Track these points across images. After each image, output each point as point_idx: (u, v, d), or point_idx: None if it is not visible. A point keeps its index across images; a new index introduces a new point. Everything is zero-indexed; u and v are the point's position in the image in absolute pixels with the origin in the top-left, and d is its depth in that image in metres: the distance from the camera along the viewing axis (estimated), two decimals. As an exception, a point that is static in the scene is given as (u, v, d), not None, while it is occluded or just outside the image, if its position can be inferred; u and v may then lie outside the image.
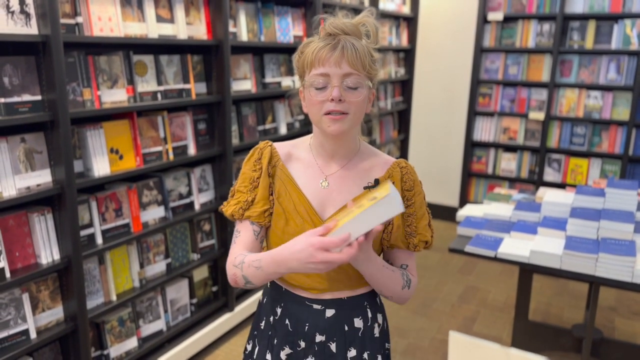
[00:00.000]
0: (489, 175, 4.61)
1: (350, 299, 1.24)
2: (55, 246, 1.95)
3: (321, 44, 1.14)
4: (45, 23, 1.77)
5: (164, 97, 2.37)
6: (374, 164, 1.25)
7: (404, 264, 1.26)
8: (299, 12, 3.21)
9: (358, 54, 1.12)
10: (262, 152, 1.25)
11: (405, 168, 1.24)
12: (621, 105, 3.99)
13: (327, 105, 1.13)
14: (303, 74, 1.18)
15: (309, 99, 1.16)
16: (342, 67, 1.12)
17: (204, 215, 2.71)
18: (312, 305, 1.23)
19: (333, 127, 1.14)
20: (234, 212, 1.23)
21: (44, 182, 1.89)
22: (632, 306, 3.30)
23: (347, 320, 1.23)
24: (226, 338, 2.84)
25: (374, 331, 1.28)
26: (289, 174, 1.23)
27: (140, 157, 2.27)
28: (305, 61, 1.17)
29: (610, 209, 2.27)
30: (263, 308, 1.32)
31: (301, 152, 1.27)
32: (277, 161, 1.25)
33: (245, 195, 1.24)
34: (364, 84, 1.15)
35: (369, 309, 1.27)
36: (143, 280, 2.36)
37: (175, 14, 2.37)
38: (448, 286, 3.54)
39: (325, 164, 1.24)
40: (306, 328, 1.23)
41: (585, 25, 4.03)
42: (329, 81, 1.13)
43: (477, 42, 4.41)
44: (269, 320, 1.29)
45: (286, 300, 1.26)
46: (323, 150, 1.24)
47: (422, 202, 1.25)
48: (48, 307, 1.97)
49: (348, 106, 1.13)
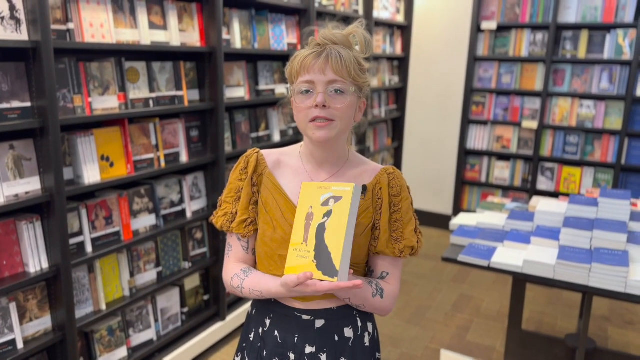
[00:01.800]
0: (482, 184, 4.62)
1: (340, 309, 1.23)
2: (43, 255, 1.92)
3: (307, 53, 1.16)
4: (35, 29, 1.75)
5: (156, 104, 2.35)
6: (363, 171, 1.26)
7: (385, 272, 1.25)
8: (293, 20, 3.21)
9: (343, 61, 1.13)
10: (248, 160, 1.26)
11: (392, 174, 1.24)
12: (614, 114, 4.00)
13: (312, 111, 1.14)
14: (292, 83, 1.20)
15: (295, 106, 1.18)
16: (327, 73, 1.13)
17: (196, 223, 2.69)
18: (301, 316, 1.21)
19: (318, 134, 1.14)
20: (223, 224, 1.26)
21: (33, 189, 1.87)
22: (626, 315, 3.29)
23: (337, 330, 1.22)
24: (218, 347, 2.81)
25: (365, 340, 1.27)
26: (276, 181, 1.24)
27: (131, 165, 2.25)
28: (293, 70, 1.19)
29: (603, 218, 2.26)
30: (252, 319, 1.31)
31: (291, 160, 1.27)
32: (263, 169, 1.25)
33: (230, 206, 1.26)
34: (349, 91, 1.15)
35: (358, 318, 1.26)
36: (133, 289, 2.33)
37: (168, 21, 2.36)
38: (442, 295, 3.53)
39: (314, 171, 1.24)
40: (296, 339, 1.21)
41: (578, 35, 4.05)
42: (314, 88, 1.14)
43: (470, 51, 4.42)
44: (258, 332, 1.27)
45: (275, 312, 1.24)
46: (312, 158, 1.24)
47: (409, 208, 1.25)
48: (36, 316, 1.94)
49: (333, 112, 1.14)
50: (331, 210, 1.07)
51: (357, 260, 1.21)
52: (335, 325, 1.22)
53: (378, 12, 4.19)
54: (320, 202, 1.09)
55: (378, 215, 1.22)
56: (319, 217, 1.08)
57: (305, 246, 1.08)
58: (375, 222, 1.22)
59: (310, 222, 1.10)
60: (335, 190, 1.08)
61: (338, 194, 1.07)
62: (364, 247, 1.22)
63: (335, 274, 1.04)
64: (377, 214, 1.22)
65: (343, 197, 1.06)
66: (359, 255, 1.22)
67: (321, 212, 1.08)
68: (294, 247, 1.11)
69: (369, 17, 3.97)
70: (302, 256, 1.09)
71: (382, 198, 1.22)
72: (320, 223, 1.08)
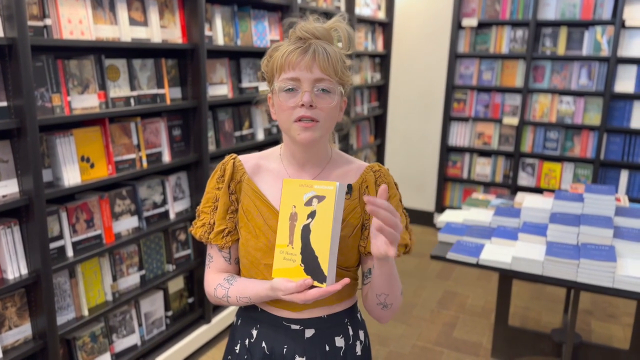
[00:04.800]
0: (464, 180, 4.64)
1: (330, 317, 1.18)
2: (22, 260, 1.85)
3: (291, 47, 1.09)
4: (11, 25, 1.68)
5: (137, 103, 2.29)
6: (347, 170, 1.21)
7: None
8: (275, 16, 3.16)
9: (330, 59, 1.08)
10: (224, 167, 1.20)
11: (378, 172, 1.20)
12: (592, 110, 4.06)
13: (298, 111, 1.07)
14: (272, 79, 1.13)
15: (279, 104, 1.10)
16: (314, 71, 1.07)
17: (180, 224, 2.63)
18: (290, 325, 1.16)
19: (303, 135, 1.08)
20: (201, 235, 1.21)
21: (10, 192, 1.79)
22: (607, 309, 3.34)
23: (328, 340, 1.18)
24: (203, 351, 2.75)
25: (356, 349, 1.22)
26: (257, 188, 1.18)
27: (112, 165, 2.18)
28: (274, 65, 1.11)
29: (589, 214, 2.28)
30: (237, 331, 1.25)
31: (271, 163, 1.21)
32: (242, 175, 1.19)
33: (208, 216, 1.20)
34: (336, 90, 1.10)
35: (350, 326, 1.21)
36: (116, 294, 2.26)
37: (149, 17, 2.29)
38: (427, 291, 3.53)
39: (296, 173, 1.18)
40: (284, 351, 1.16)
41: (557, 31, 4.10)
42: (299, 86, 1.08)
43: (451, 48, 4.43)
44: (244, 344, 1.21)
45: (262, 322, 1.19)
46: (294, 160, 1.18)
47: (399, 205, 1.20)
48: (15, 324, 1.86)
49: (319, 112, 1.08)
50: (315, 211, 1.03)
51: (348, 264, 1.16)
52: (326, 334, 1.17)
53: (360, 9, 4.16)
54: (304, 202, 1.04)
55: (367, 214, 1.16)
56: (303, 218, 1.04)
57: (292, 248, 1.05)
58: (364, 222, 1.17)
59: (294, 222, 1.06)
60: (317, 189, 1.03)
61: (321, 193, 1.02)
62: (353, 248, 1.17)
63: (324, 279, 1.01)
64: (365, 214, 1.16)
65: (326, 197, 1.02)
66: (350, 258, 1.17)
67: (305, 212, 1.04)
68: (280, 249, 1.07)
69: (351, 14, 3.94)
70: (289, 259, 1.05)
71: None
72: (305, 224, 1.04)
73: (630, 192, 4.00)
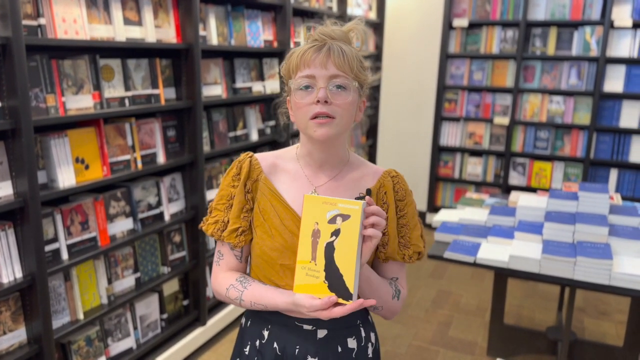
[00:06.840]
0: (455, 180, 4.66)
1: (343, 317, 1.15)
2: (17, 263, 1.81)
3: (307, 47, 1.10)
4: (5, 25, 1.65)
5: (131, 103, 2.26)
6: (364, 173, 1.20)
7: (395, 277, 1.21)
8: (269, 16, 3.15)
9: (345, 56, 1.08)
10: (241, 165, 1.19)
11: (396, 177, 1.20)
12: (582, 110, 4.10)
13: (314, 107, 1.07)
14: (289, 80, 1.13)
15: (295, 103, 1.11)
16: (329, 68, 1.07)
17: (174, 226, 2.60)
18: (302, 326, 1.15)
19: (320, 132, 1.08)
20: (213, 232, 1.19)
21: (5, 194, 1.76)
22: (599, 306, 3.37)
23: (341, 341, 1.17)
24: (199, 353, 2.73)
25: (368, 352, 1.22)
26: (274, 187, 1.17)
27: (107, 167, 2.16)
28: (290, 66, 1.12)
29: (583, 212, 2.30)
30: (246, 332, 1.23)
31: (287, 163, 1.20)
32: (258, 174, 1.18)
33: (222, 214, 1.19)
34: (352, 87, 1.10)
35: (362, 328, 1.21)
36: (111, 297, 2.23)
37: (143, 17, 2.27)
38: (421, 291, 3.54)
39: (313, 174, 1.18)
40: (296, 351, 1.15)
41: (547, 31, 4.13)
42: (314, 83, 1.08)
43: (442, 48, 4.45)
44: (255, 345, 1.20)
45: (273, 322, 1.18)
46: (311, 160, 1.17)
47: (414, 212, 1.21)
48: (10, 329, 1.83)
49: (335, 109, 1.08)
50: (339, 229, 1.02)
51: None
52: (339, 335, 1.17)
53: (351, 9, 4.16)
54: (327, 219, 1.03)
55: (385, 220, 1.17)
56: (327, 236, 1.03)
57: (315, 265, 1.04)
58: None
59: (317, 239, 1.05)
60: (342, 208, 1.02)
61: (346, 212, 1.02)
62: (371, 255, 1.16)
63: (349, 296, 1.01)
64: None
65: (352, 216, 1.01)
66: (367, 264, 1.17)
67: (328, 229, 1.03)
68: (301, 265, 1.05)
69: (343, 14, 3.94)
70: (311, 275, 1.04)
71: (387, 203, 1.17)
72: (329, 242, 1.03)
73: (620, 190, 4.05)
